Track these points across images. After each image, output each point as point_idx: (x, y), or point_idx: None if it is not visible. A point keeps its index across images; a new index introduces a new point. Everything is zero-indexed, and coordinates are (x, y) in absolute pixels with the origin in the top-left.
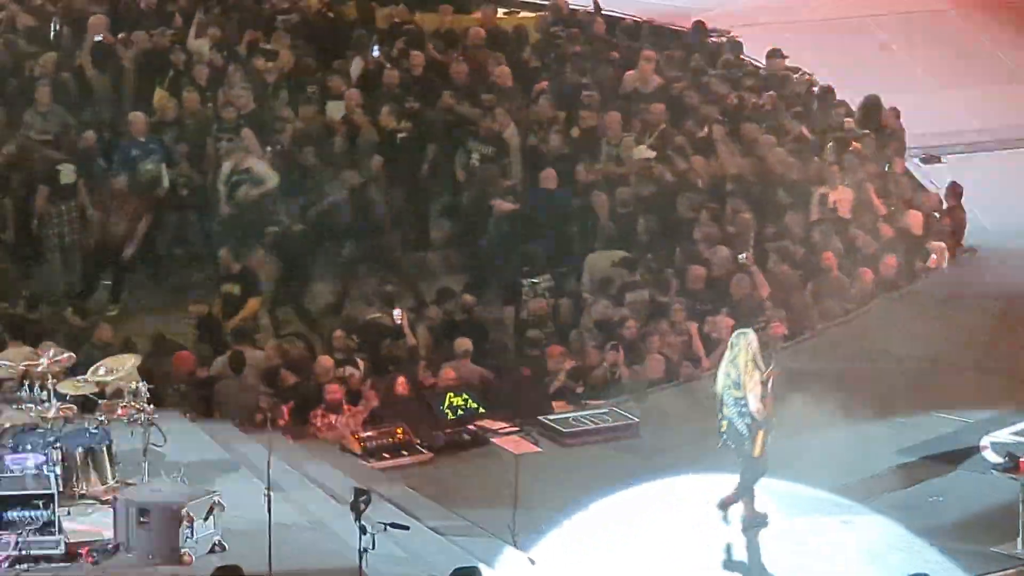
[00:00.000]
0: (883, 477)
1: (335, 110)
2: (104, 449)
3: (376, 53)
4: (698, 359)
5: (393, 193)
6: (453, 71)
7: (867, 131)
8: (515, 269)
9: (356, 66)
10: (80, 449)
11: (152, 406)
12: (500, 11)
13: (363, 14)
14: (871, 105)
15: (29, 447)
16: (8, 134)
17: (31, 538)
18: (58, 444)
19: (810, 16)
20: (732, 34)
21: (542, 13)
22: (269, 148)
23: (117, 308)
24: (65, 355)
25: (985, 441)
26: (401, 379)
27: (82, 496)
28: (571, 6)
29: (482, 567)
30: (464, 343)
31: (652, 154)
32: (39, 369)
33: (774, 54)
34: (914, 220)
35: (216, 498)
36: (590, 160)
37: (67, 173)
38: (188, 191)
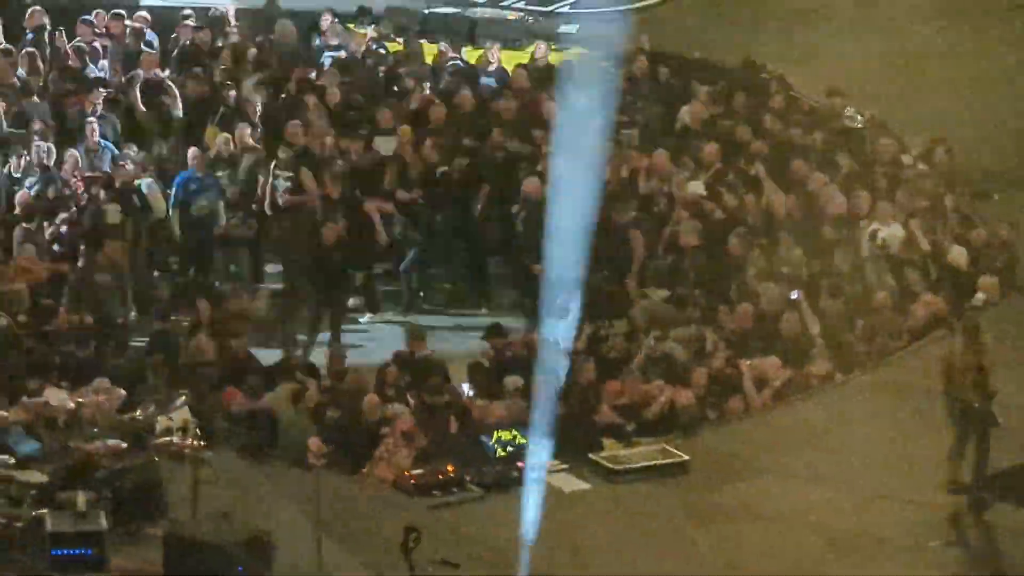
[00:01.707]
0: None
1: (385, 146)
2: (155, 485)
3: (426, 90)
4: (748, 396)
5: (446, 228)
6: (502, 108)
7: (918, 166)
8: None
9: (407, 102)
10: (131, 485)
11: (202, 442)
12: (549, 47)
13: (413, 51)
14: (922, 140)
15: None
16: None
17: None
18: (109, 481)
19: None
20: (781, 71)
21: (589, 51)
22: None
23: None
24: (115, 391)
25: None
26: (451, 416)
27: (133, 532)
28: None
29: None
30: (515, 380)
31: (703, 191)
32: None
33: (831, 92)
34: (962, 256)
35: (266, 538)
36: (639, 196)
37: (112, 213)
38: (241, 227)
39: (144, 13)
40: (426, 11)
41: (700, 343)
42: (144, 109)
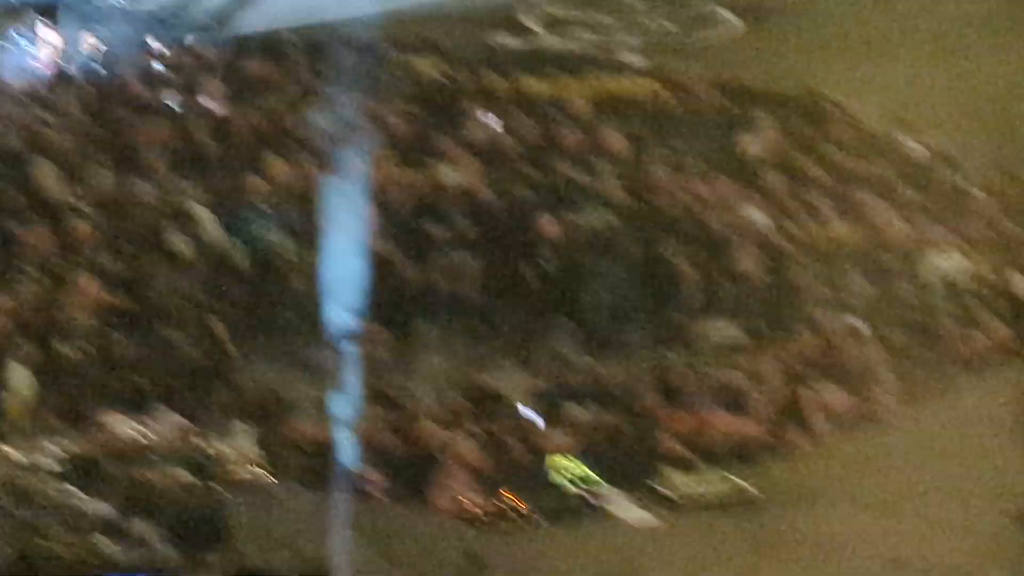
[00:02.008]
0: None
1: (449, 176)
2: (218, 515)
3: (491, 121)
4: (812, 427)
5: (509, 258)
6: (565, 138)
7: (982, 195)
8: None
9: (471, 132)
10: (194, 515)
11: (267, 473)
12: (613, 77)
13: (476, 81)
14: (986, 169)
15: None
16: (121, 205)
17: None
18: (173, 511)
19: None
20: (844, 100)
21: (654, 80)
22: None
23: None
24: (178, 419)
25: None
26: (513, 444)
27: (197, 563)
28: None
29: None
30: (578, 410)
31: (765, 220)
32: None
33: (895, 121)
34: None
35: (328, 568)
36: (701, 226)
37: (182, 243)
38: (300, 260)
39: (208, 43)
40: (490, 42)
41: (764, 373)
42: (209, 140)
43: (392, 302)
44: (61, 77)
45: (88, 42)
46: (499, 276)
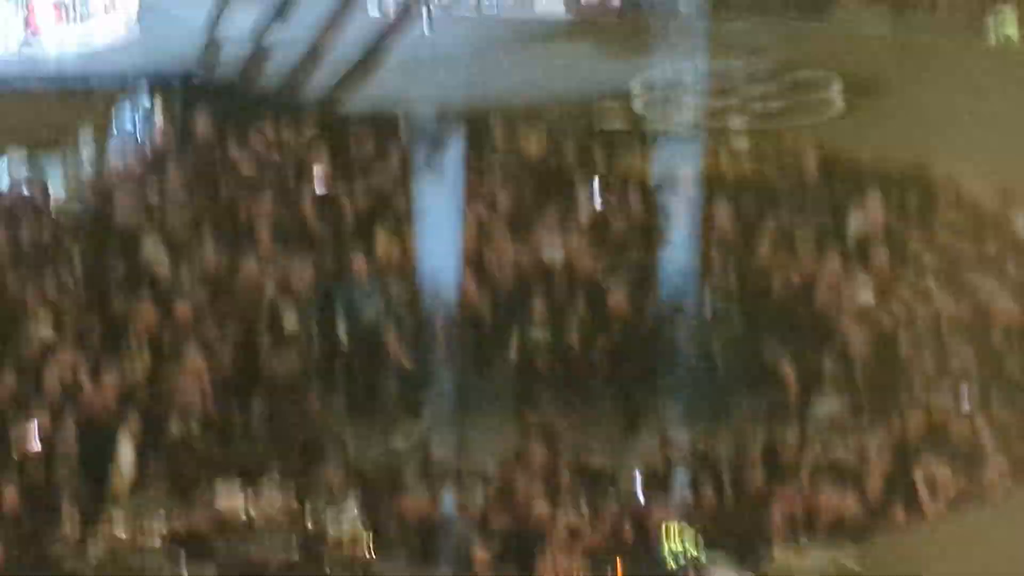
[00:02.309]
0: None
1: (552, 254)
2: None
3: (596, 199)
4: (918, 505)
5: (615, 335)
6: (673, 217)
7: None
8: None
9: (577, 210)
10: None
11: (373, 554)
12: (720, 156)
13: (582, 158)
14: None
15: None
16: (229, 281)
17: None
18: None
19: None
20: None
21: (761, 157)
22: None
23: None
24: (285, 493)
25: None
26: (620, 520)
27: None
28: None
29: None
30: (684, 485)
31: (871, 298)
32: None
33: (1006, 197)
34: None
35: None
36: (807, 304)
37: (291, 321)
38: (404, 335)
39: (315, 122)
40: (597, 121)
41: (871, 450)
42: (315, 216)
43: (495, 378)
44: (169, 153)
45: (198, 119)
46: (605, 352)
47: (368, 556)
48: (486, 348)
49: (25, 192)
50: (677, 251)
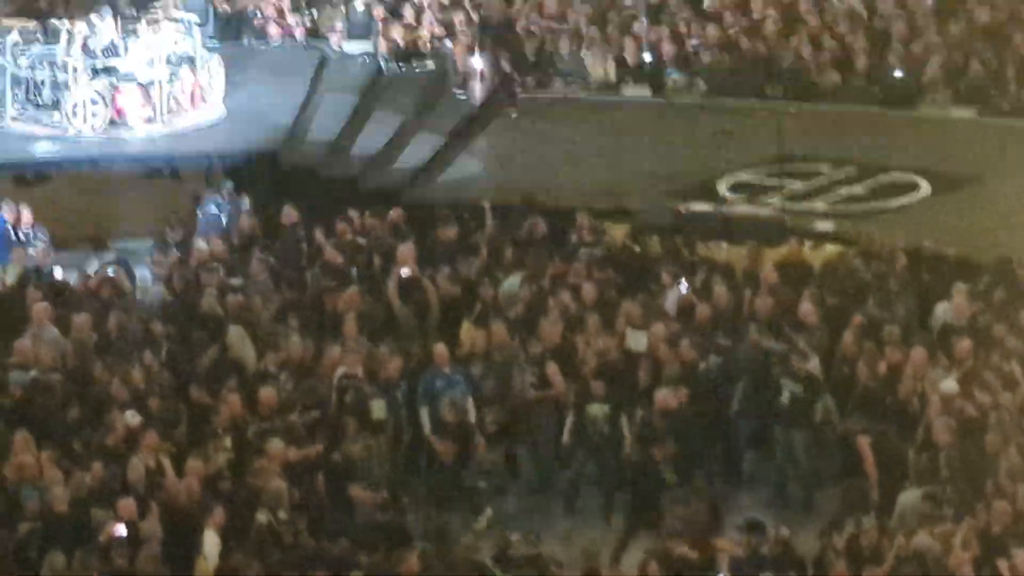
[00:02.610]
0: None
1: (637, 342)
2: None
3: (684, 289)
4: None
5: (700, 426)
6: (759, 306)
7: None
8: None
9: (662, 299)
10: None
11: None
12: (805, 245)
13: (668, 248)
14: None
15: None
16: (314, 368)
17: None
18: None
19: None
20: None
21: (846, 247)
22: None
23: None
24: None
25: None
26: None
27: None
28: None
29: None
30: None
31: (956, 388)
32: None
33: None
34: None
35: None
36: (893, 393)
37: (379, 408)
38: (495, 424)
39: (400, 210)
40: (682, 209)
41: (956, 540)
42: (401, 304)
43: (583, 468)
44: (254, 242)
45: (284, 210)
46: (691, 443)
47: None
48: (575, 436)
49: (111, 276)
50: (761, 340)
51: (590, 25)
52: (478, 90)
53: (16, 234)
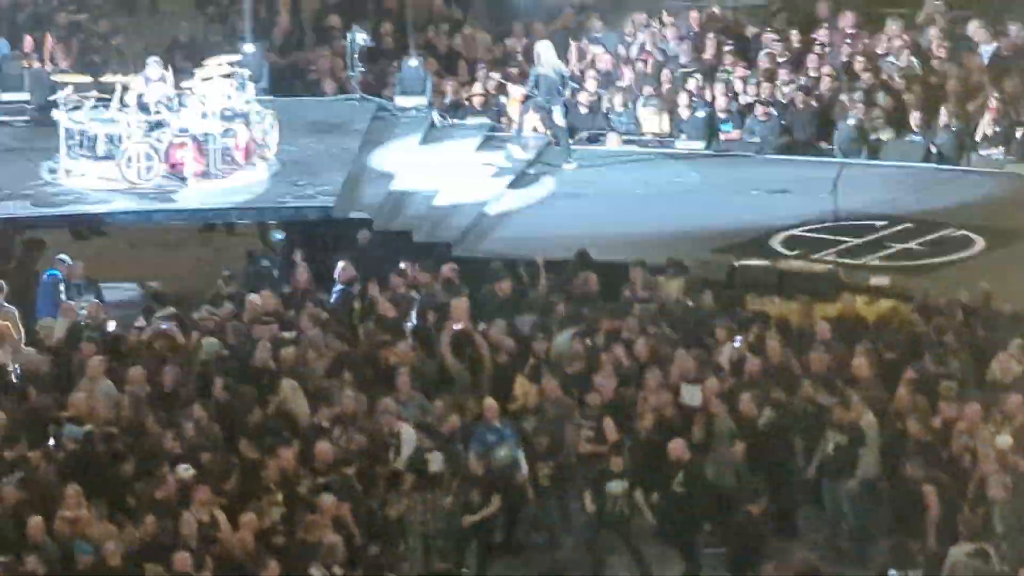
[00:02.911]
0: None
1: (691, 396)
2: None
3: (738, 343)
4: None
5: (756, 480)
6: (812, 360)
7: None
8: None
9: (716, 353)
10: None
11: None
12: (859, 299)
13: (721, 303)
14: None
15: None
16: (368, 422)
17: None
18: None
19: None
20: None
21: (901, 302)
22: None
23: None
24: None
25: None
26: None
27: None
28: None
29: None
30: None
31: (1010, 443)
32: None
33: None
34: None
35: None
36: (947, 448)
37: (435, 461)
38: (549, 479)
39: (454, 264)
40: (736, 263)
41: None
42: (454, 359)
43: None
44: (307, 296)
45: (341, 267)
46: (740, 494)
47: None
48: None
49: (164, 329)
50: (816, 394)
51: (645, 81)
52: (532, 144)
53: (68, 288)
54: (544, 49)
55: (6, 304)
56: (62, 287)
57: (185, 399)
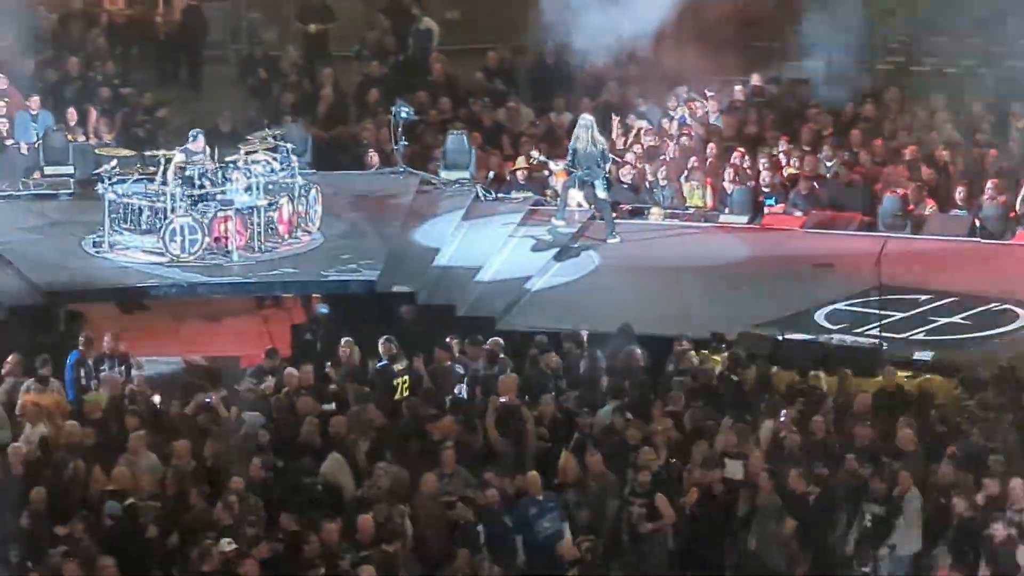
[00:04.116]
0: None
1: (735, 470)
2: None
3: (783, 417)
4: None
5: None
6: (856, 433)
7: None
8: None
9: (759, 427)
10: None
11: None
12: (903, 373)
13: (762, 378)
14: None
15: None
16: (413, 494)
17: None
18: None
19: None
20: None
21: (945, 376)
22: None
23: None
24: None
25: None
26: None
27: None
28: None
29: None
30: None
31: None
32: None
33: None
34: None
35: None
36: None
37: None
38: (591, 555)
39: (498, 338)
40: (779, 337)
41: None
42: (499, 434)
43: None
44: (351, 369)
45: (383, 341)
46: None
47: None
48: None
49: (208, 402)
50: (860, 469)
51: (688, 154)
52: (576, 218)
53: (97, 363)
54: (583, 122)
55: (52, 379)
56: (82, 370)
57: (228, 473)
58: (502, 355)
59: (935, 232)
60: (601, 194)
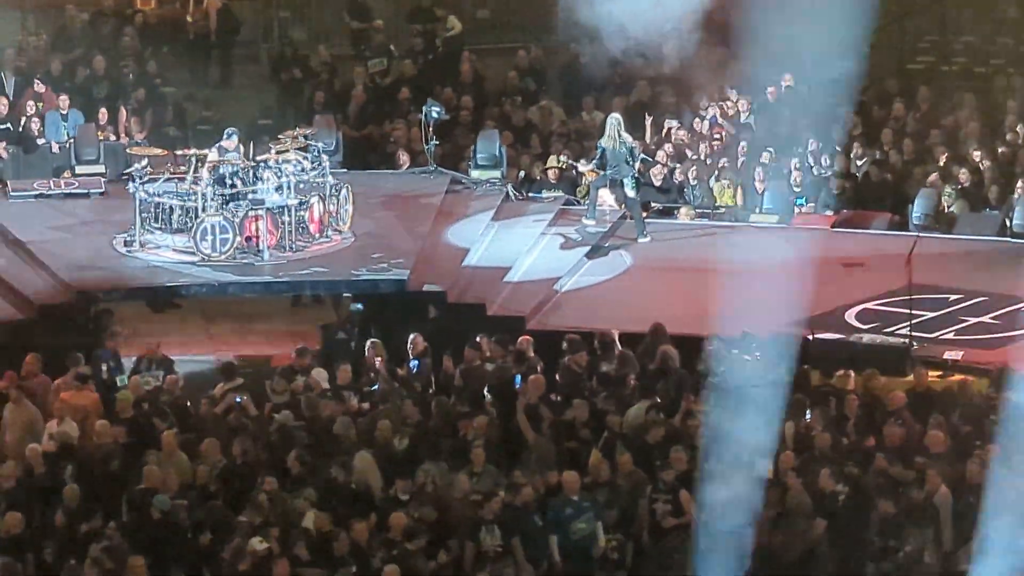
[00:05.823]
0: None
1: (762, 470)
2: None
3: (808, 416)
4: None
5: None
6: (886, 433)
7: None
8: None
9: (788, 428)
10: None
11: None
12: (932, 374)
13: (793, 375)
14: None
15: None
16: (444, 490)
17: None
18: None
19: None
20: None
21: (978, 377)
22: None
23: None
24: None
25: None
26: None
27: None
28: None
29: None
30: None
31: None
32: None
33: None
34: None
35: None
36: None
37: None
38: (619, 554)
39: (527, 337)
40: (810, 337)
41: None
42: (533, 434)
43: None
44: (380, 364)
45: (411, 337)
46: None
47: None
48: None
49: (238, 402)
50: (890, 468)
51: (719, 154)
52: (606, 217)
53: (148, 365)
54: (612, 122)
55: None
56: (103, 367)
57: (257, 471)
58: (532, 354)
59: (966, 232)
60: (631, 193)
